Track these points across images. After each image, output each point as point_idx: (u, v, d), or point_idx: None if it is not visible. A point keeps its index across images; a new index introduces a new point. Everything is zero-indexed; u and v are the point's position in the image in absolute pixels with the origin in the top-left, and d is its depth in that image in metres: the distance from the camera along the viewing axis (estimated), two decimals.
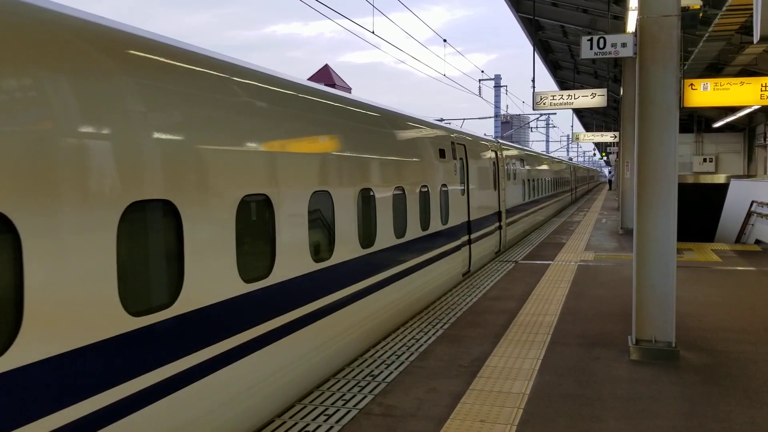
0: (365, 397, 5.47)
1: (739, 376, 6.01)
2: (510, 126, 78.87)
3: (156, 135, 3.87)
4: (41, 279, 3.05)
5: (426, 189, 9.10)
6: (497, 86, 50.15)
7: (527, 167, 19.41)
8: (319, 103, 6.29)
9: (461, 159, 11.28)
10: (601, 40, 8.99)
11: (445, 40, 24.65)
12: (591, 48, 9.10)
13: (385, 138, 7.97)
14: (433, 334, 7.47)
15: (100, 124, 3.46)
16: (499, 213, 14.49)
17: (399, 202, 8.02)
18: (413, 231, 8.50)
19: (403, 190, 8.15)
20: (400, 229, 8.01)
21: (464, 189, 11.43)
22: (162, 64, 4.12)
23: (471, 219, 11.76)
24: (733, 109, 24.35)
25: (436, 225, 9.53)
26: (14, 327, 2.94)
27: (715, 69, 20.42)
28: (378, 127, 7.87)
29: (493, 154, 14.20)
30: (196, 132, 4.22)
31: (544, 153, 32.07)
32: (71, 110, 3.29)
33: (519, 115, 66.97)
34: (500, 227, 14.60)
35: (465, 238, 11.38)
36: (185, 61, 4.36)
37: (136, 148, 3.68)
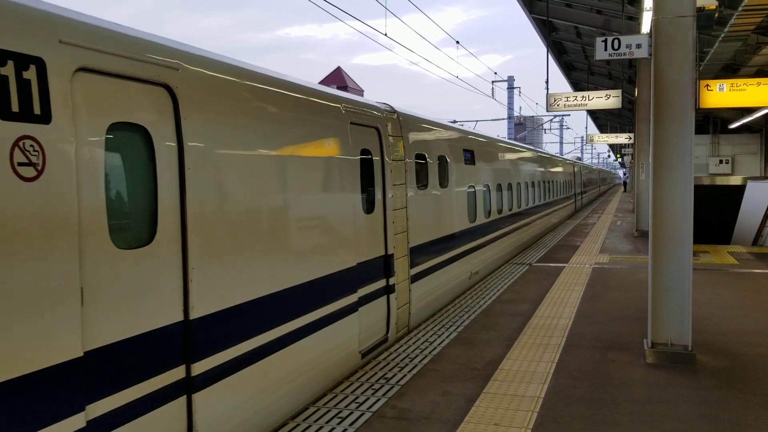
0: (379, 399, 5.47)
1: (757, 379, 5.94)
2: (523, 128, 78.69)
3: None
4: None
5: None
6: (510, 88, 50.09)
7: (482, 165, 11.62)
8: None
9: (174, 136, 4.02)
10: (616, 41, 8.94)
11: (458, 42, 24.62)
12: (605, 49, 9.05)
13: None
14: (446, 337, 7.45)
15: None
16: (385, 259, 7.05)
17: None
18: None
19: None
20: None
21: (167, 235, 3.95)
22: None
23: (201, 313, 4.16)
24: (750, 110, 24.12)
25: None
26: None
27: (731, 69, 20.25)
28: None
29: (369, 135, 6.87)
30: None
31: (524, 145, 18.90)
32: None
33: (533, 116, 66.75)
34: (388, 289, 7.11)
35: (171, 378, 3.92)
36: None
37: None
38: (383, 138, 7.17)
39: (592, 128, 60.12)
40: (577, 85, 33.71)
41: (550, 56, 20.97)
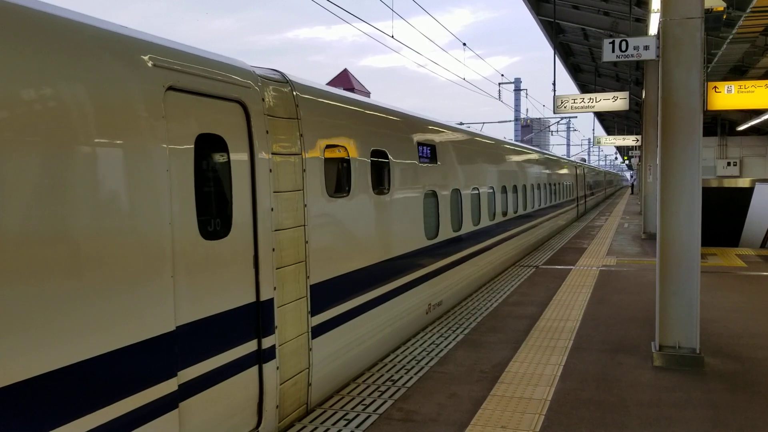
0: (385, 402, 5.47)
1: (766, 382, 5.91)
2: (530, 129, 78.56)
3: None
4: None
5: None
6: (517, 90, 50.04)
7: (448, 164, 9.14)
8: None
9: None
10: (623, 43, 8.93)
11: (464, 44, 24.60)
12: (613, 51, 9.04)
13: None
14: (453, 339, 7.44)
15: None
16: (257, 308, 4.56)
17: None
18: None
19: None
20: None
21: None
22: None
23: None
24: (758, 112, 24.00)
25: None
26: None
27: (739, 71, 20.16)
28: None
29: (221, 113, 4.28)
30: None
31: (511, 141, 15.55)
32: None
33: (539, 118, 66.61)
34: (260, 356, 4.58)
35: None
36: None
37: None
38: (253, 119, 4.57)
39: (600, 130, 59.96)
40: (584, 87, 33.62)
41: (557, 58, 20.92)
